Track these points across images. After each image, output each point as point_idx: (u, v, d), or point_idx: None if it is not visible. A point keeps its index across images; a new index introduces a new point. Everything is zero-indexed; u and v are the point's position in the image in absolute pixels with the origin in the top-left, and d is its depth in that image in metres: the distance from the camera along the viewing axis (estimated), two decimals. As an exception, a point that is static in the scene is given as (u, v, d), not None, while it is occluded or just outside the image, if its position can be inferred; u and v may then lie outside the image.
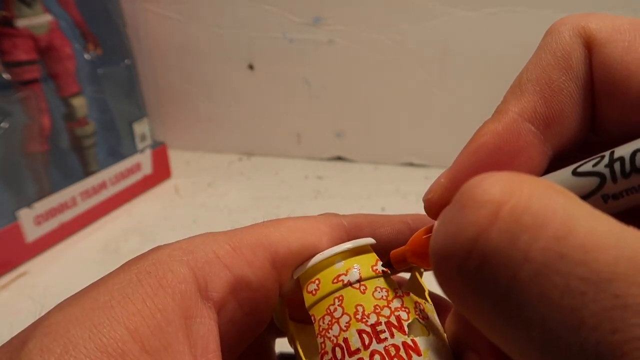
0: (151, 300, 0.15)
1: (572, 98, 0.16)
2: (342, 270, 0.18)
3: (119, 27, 0.53)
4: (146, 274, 0.16)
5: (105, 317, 0.15)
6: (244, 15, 0.60)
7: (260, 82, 0.63)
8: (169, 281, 0.16)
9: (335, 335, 0.17)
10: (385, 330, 0.17)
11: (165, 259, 0.17)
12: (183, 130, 0.69)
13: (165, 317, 0.15)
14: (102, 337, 0.14)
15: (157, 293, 0.16)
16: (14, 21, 0.42)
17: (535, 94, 0.16)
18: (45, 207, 0.46)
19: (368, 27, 0.58)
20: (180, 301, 0.16)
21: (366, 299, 0.17)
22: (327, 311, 0.18)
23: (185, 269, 0.17)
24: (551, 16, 0.60)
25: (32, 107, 0.44)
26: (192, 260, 0.17)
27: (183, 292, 0.16)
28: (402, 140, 0.64)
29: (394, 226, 0.21)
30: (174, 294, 0.16)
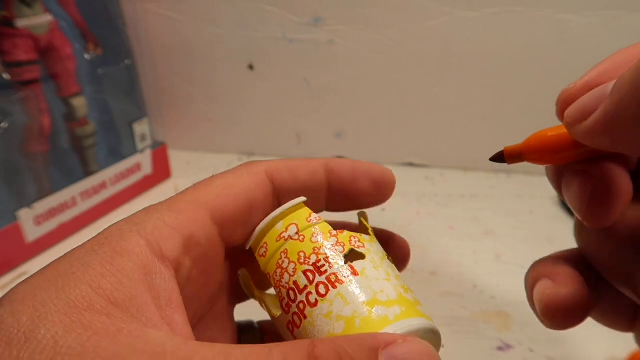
0: (109, 264, 0.16)
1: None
2: (282, 229, 0.21)
3: (119, 27, 0.53)
4: (100, 245, 0.17)
5: (69, 281, 0.16)
6: (244, 15, 0.60)
7: (260, 82, 0.63)
8: (123, 248, 0.17)
9: (287, 282, 0.20)
10: (324, 264, 0.19)
11: (116, 232, 0.18)
12: (183, 130, 0.69)
13: (125, 275, 0.16)
14: (68, 295, 0.15)
15: (114, 258, 0.17)
16: (14, 21, 0.42)
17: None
18: (45, 207, 0.46)
19: (368, 27, 0.58)
20: (137, 262, 0.17)
21: (306, 245, 0.20)
22: (277, 265, 0.20)
23: (136, 237, 0.18)
24: (551, 16, 0.60)
25: (32, 107, 0.44)
26: (142, 230, 0.18)
27: (139, 255, 0.17)
28: (402, 140, 0.64)
29: (309, 167, 0.23)
30: (130, 257, 0.17)
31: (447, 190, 0.59)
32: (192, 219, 0.19)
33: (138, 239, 0.18)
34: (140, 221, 0.19)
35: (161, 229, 0.18)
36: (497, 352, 0.36)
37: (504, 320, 0.39)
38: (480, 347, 0.36)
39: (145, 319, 0.16)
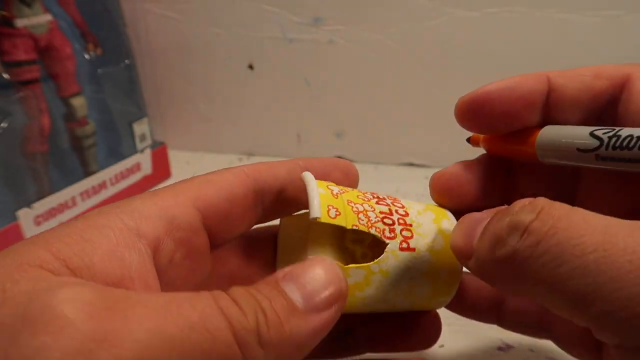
0: (77, 234, 0.17)
1: None
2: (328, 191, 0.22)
3: (119, 27, 0.53)
4: (75, 220, 0.18)
5: (28, 247, 0.16)
6: (244, 15, 0.60)
7: (260, 82, 0.63)
8: (97, 222, 0.17)
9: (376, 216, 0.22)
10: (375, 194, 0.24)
11: (96, 211, 0.18)
12: (183, 130, 0.69)
13: (90, 244, 0.16)
14: (23, 257, 0.15)
15: (84, 230, 0.17)
16: (13, 21, 0.42)
17: None
18: (45, 207, 0.46)
19: (368, 27, 0.58)
20: (109, 234, 0.17)
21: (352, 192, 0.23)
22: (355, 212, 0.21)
23: (113, 216, 0.18)
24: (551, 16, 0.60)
25: (32, 107, 0.44)
26: (120, 212, 0.18)
27: (112, 228, 0.17)
28: (402, 140, 0.64)
29: (286, 166, 0.25)
30: (102, 230, 0.17)
31: (447, 190, 0.59)
32: (174, 203, 0.20)
33: (114, 217, 0.18)
34: (120, 204, 0.19)
35: (141, 210, 0.19)
36: (497, 352, 0.36)
37: (504, 320, 0.39)
38: (480, 347, 0.36)
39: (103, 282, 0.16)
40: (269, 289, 0.17)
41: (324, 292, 0.17)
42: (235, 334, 0.15)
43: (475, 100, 0.25)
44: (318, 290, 0.17)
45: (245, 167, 0.24)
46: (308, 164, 0.25)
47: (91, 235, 0.17)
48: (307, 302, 0.17)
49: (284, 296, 0.16)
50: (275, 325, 0.16)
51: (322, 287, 0.17)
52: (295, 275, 0.17)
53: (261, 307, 0.16)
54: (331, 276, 0.17)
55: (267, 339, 0.15)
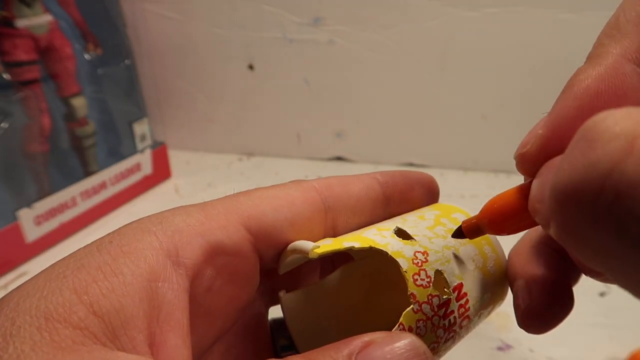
0: (108, 267, 0.15)
1: None
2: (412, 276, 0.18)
3: (119, 27, 0.53)
4: (107, 243, 0.16)
5: (56, 287, 0.14)
6: (244, 15, 0.60)
7: (260, 82, 0.63)
8: (132, 248, 0.15)
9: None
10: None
11: (130, 230, 0.16)
12: (183, 130, 0.69)
13: (121, 281, 0.15)
14: (48, 304, 0.14)
15: (116, 259, 0.15)
16: (14, 21, 0.42)
17: (638, 34, 0.15)
18: (45, 207, 0.46)
19: (368, 27, 0.58)
20: (144, 265, 0.15)
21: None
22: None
23: (152, 237, 0.16)
24: (551, 16, 0.60)
25: (32, 107, 0.44)
26: (160, 230, 0.16)
27: (148, 258, 0.15)
28: (402, 140, 0.64)
29: (363, 182, 0.21)
30: (137, 259, 0.15)
31: (447, 190, 0.59)
32: (221, 224, 0.18)
33: (152, 239, 0.16)
34: (162, 220, 0.17)
35: (183, 231, 0.17)
36: (497, 352, 0.36)
37: (504, 320, 0.39)
38: (480, 347, 0.36)
39: (125, 339, 0.14)
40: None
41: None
42: None
43: None
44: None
45: (315, 181, 0.21)
46: (390, 178, 0.22)
47: (124, 266, 0.15)
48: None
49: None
50: None
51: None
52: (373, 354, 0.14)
53: None
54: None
55: None
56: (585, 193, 0.11)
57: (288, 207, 0.19)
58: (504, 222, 0.17)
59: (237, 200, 0.19)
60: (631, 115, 0.11)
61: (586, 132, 0.11)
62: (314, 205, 0.20)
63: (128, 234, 0.16)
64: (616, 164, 0.10)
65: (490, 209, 0.17)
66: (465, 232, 0.18)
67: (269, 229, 0.19)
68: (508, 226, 0.17)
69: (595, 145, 0.11)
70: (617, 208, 0.10)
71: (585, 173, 0.11)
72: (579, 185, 0.11)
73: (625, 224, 0.10)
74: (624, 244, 0.10)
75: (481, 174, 0.62)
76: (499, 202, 0.17)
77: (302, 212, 0.19)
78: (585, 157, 0.11)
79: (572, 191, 0.11)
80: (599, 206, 0.10)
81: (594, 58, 0.15)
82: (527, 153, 0.16)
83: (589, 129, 0.11)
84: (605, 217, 0.10)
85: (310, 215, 0.20)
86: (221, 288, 0.18)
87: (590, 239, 0.11)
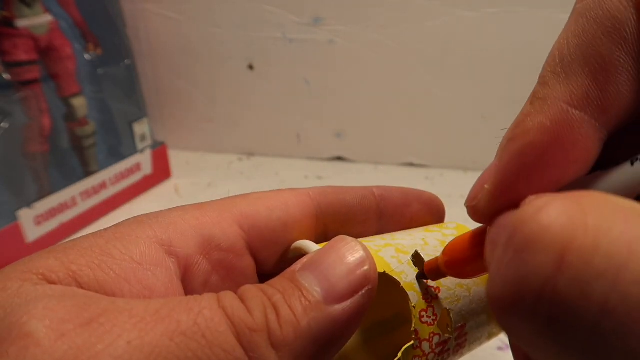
0: (99, 247, 0.15)
1: (629, 75, 0.13)
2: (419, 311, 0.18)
3: (119, 27, 0.53)
4: (103, 231, 0.16)
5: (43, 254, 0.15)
6: (244, 15, 0.60)
7: (260, 82, 0.63)
8: (125, 234, 0.16)
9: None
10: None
11: (129, 221, 0.17)
12: (183, 130, 0.69)
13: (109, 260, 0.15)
14: (30, 265, 0.14)
15: (108, 242, 0.15)
16: (14, 21, 0.42)
17: (584, 76, 0.13)
18: (45, 207, 0.46)
19: (368, 27, 0.58)
20: (135, 249, 0.16)
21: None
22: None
23: (146, 227, 0.17)
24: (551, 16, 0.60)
25: (32, 107, 0.44)
26: (155, 223, 0.17)
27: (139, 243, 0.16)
28: (402, 140, 0.64)
29: (357, 192, 0.22)
30: (128, 243, 0.16)
31: (447, 190, 0.59)
32: (215, 221, 0.18)
33: (146, 229, 0.16)
34: (159, 215, 0.18)
35: (177, 224, 0.17)
36: (497, 352, 0.36)
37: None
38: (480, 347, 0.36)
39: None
40: (284, 282, 0.14)
41: (347, 278, 0.15)
42: (238, 336, 0.13)
43: None
44: (340, 276, 0.15)
45: (310, 189, 0.21)
46: (386, 192, 0.22)
47: (114, 249, 0.15)
48: (328, 292, 0.14)
49: (301, 288, 0.14)
50: (289, 321, 0.14)
51: (345, 272, 0.15)
52: (314, 262, 0.15)
53: (272, 302, 0.14)
54: (355, 257, 0.15)
55: (279, 338, 0.13)
56: (521, 308, 0.10)
57: (281, 207, 0.20)
58: (461, 267, 0.16)
59: (232, 201, 0.19)
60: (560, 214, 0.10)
61: (514, 235, 0.10)
62: (306, 209, 0.20)
63: (124, 224, 0.17)
64: (547, 281, 0.09)
65: (449, 252, 0.16)
66: (427, 274, 0.17)
67: (262, 227, 0.19)
68: (467, 272, 0.16)
69: (525, 258, 0.10)
70: (554, 326, 0.10)
71: (517, 287, 0.10)
72: (513, 299, 0.10)
73: (564, 339, 0.10)
74: (565, 355, 0.10)
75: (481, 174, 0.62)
76: (457, 245, 0.16)
77: (294, 214, 0.20)
78: (516, 272, 0.10)
79: (508, 304, 0.10)
80: (536, 322, 0.10)
81: (538, 102, 0.14)
82: (476, 207, 0.15)
83: (517, 233, 0.10)
84: (545, 332, 0.10)
85: (302, 218, 0.20)
86: (218, 284, 0.18)
87: (534, 344, 0.11)
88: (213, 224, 0.18)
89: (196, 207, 0.18)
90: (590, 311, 0.09)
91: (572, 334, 0.09)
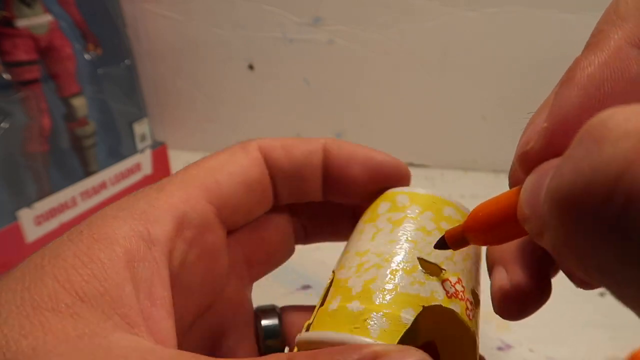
0: (84, 254, 0.15)
1: None
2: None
3: (119, 27, 0.53)
4: (78, 233, 0.16)
5: (36, 277, 0.14)
6: (244, 15, 0.60)
7: (260, 82, 0.63)
8: (103, 235, 0.16)
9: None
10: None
11: (98, 218, 0.17)
12: (183, 130, 0.69)
13: (100, 266, 0.15)
14: (33, 295, 0.14)
15: (90, 246, 0.15)
16: (14, 21, 0.42)
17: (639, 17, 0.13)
18: (45, 207, 0.46)
19: (368, 27, 0.58)
20: (118, 249, 0.15)
21: None
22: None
23: (120, 222, 0.16)
24: (551, 16, 0.60)
25: (32, 107, 0.44)
26: (127, 215, 0.17)
27: (120, 241, 0.16)
28: (402, 140, 0.63)
29: (305, 146, 0.22)
30: (110, 244, 0.15)
31: (447, 190, 0.59)
32: (184, 198, 0.18)
33: (121, 223, 0.16)
34: (126, 206, 0.17)
35: (149, 212, 0.17)
36: (497, 352, 0.36)
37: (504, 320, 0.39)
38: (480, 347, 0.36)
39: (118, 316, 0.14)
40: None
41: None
42: None
43: None
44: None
45: (259, 141, 0.21)
46: (335, 148, 0.22)
47: (97, 253, 0.15)
48: None
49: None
50: None
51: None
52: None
53: None
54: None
55: None
56: (591, 200, 0.09)
57: (240, 171, 0.20)
58: (489, 231, 0.15)
59: (190, 173, 0.19)
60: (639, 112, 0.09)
61: (592, 129, 0.10)
62: (261, 168, 0.21)
63: (96, 223, 0.16)
64: (628, 166, 0.09)
65: (475, 217, 0.16)
66: (449, 244, 0.17)
67: (227, 195, 0.19)
68: (494, 236, 0.16)
69: (604, 145, 0.09)
70: (627, 218, 0.09)
71: (591, 176, 0.09)
72: (583, 191, 0.09)
73: (635, 234, 0.09)
74: (631, 262, 0.09)
75: (481, 174, 0.62)
76: (484, 210, 0.16)
77: (252, 174, 0.20)
78: (592, 158, 0.09)
79: (575, 197, 0.10)
80: (606, 215, 0.09)
81: (593, 45, 0.14)
82: (530, 151, 0.14)
83: (596, 126, 0.10)
84: (613, 229, 0.09)
85: (260, 176, 0.21)
86: (194, 262, 0.18)
87: (592, 253, 0.10)
88: (182, 202, 0.18)
89: (159, 189, 0.18)
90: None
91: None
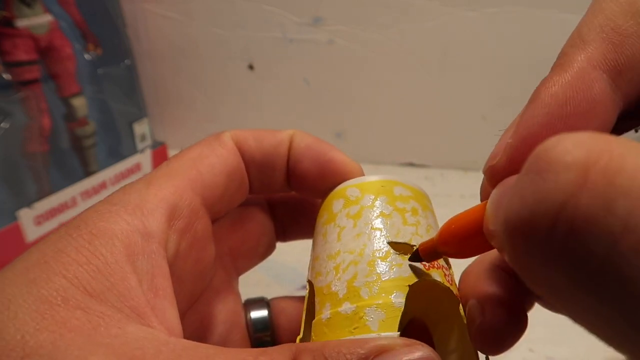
0: (86, 249, 0.15)
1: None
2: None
3: (119, 27, 0.53)
4: (75, 228, 0.16)
5: (41, 272, 0.14)
6: (244, 15, 0.60)
7: (260, 82, 0.63)
8: (101, 229, 0.16)
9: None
10: None
11: (93, 213, 0.17)
12: (183, 130, 0.69)
13: (103, 261, 0.15)
14: (40, 289, 0.14)
15: (91, 241, 0.15)
16: (14, 21, 0.42)
17: (601, 41, 0.14)
18: (46, 207, 0.46)
19: (368, 27, 0.57)
20: (118, 243, 0.16)
21: None
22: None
23: (116, 217, 0.17)
24: (551, 16, 0.60)
25: (32, 107, 0.44)
26: (121, 209, 0.17)
27: (119, 235, 0.16)
28: (402, 140, 0.63)
29: (275, 137, 0.22)
30: (109, 238, 0.16)
31: (447, 190, 0.59)
32: (172, 190, 0.18)
33: (117, 218, 0.16)
34: (118, 200, 0.17)
35: (142, 205, 0.17)
36: (497, 352, 0.36)
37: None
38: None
39: (128, 308, 0.14)
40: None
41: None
42: None
43: None
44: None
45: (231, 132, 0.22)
46: (297, 140, 0.22)
47: (99, 248, 0.15)
48: None
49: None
50: None
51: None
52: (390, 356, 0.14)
53: None
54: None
55: None
56: (537, 228, 0.10)
57: (219, 162, 0.21)
58: (460, 245, 0.16)
59: (174, 166, 0.20)
60: (584, 142, 0.10)
61: (537, 160, 0.10)
62: (237, 157, 0.21)
63: (92, 218, 0.16)
64: (569, 198, 0.09)
65: (446, 231, 0.16)
66: (422, 256, 0.17)
67: (211, 186, 0.20)
68: (466, 249, 0.16)
69: (547, 177, 0.10)
70: (571, 245, 0.09)
71: (536, 206, 0.10)
72: (530, 219, 0.10)
73: (579, 262, 0.09)
74: (577, 284, 0.10)
75: (481, 174, 0.62)
76: (455, 223, 0.16)
77: (231, 163, 0.21)
78: (536, 189, 0.10)
79: (523, 225, 0.10)
80: (551, 242, 0.10)
81: (559, 67, 0.15)
82: (496, 166, 0.15)
83: (540, 157, 0.10)
84: (558, 255, 0.10)
85: (238, 166, 0.21)
86: (186, 251, 0.19)
87: (542, 275, 0.10)
88: (171, 194, 0.18)
89: (148, 182, 0.19)
90: (612, 227, 0.09)
91: (590, 251, 0.09)
